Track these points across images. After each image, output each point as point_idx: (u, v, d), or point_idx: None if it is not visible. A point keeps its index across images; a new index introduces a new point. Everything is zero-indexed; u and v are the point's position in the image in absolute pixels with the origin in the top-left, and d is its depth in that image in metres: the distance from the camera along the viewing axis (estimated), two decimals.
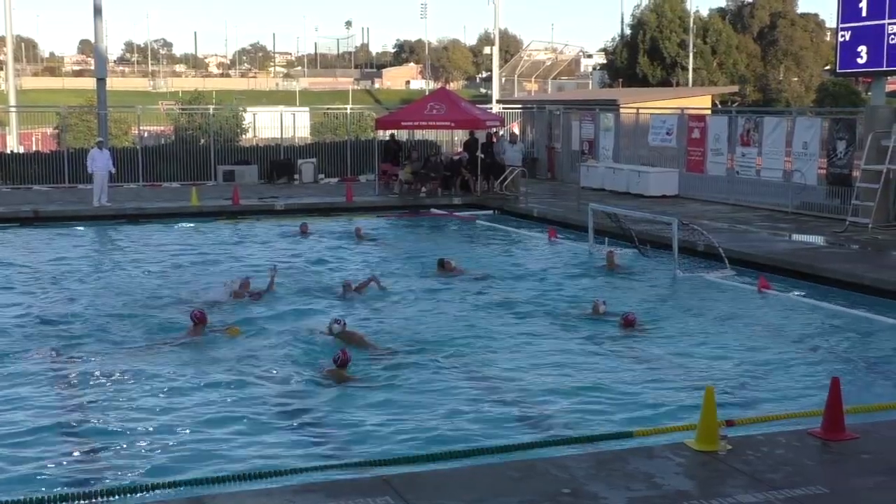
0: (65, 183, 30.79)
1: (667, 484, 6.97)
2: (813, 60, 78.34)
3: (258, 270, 17.17)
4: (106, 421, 9.69)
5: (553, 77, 58.92)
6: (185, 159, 32.80)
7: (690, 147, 27.51)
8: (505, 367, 11.65)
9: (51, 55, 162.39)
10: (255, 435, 9.29)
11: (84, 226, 24.09)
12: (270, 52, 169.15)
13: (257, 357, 11.99)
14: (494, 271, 17.83)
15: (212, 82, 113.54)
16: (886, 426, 8.40)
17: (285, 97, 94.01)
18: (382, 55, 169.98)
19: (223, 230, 23.81)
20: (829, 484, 6.99)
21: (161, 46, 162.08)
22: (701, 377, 11.04)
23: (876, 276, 15.81)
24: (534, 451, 8.27)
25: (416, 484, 7.02)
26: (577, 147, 32.66)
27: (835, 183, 23.03)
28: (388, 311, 14.68)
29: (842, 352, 12.62)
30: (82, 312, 14.53)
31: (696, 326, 13.76)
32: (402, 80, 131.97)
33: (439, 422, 9.60)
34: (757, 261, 17.72)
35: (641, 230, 19.81)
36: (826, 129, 23.40)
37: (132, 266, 18.62)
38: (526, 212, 25.65)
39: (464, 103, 31.79)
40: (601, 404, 10.18)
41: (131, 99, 69.08)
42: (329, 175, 33.60)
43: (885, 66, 21.29)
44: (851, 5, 21.78)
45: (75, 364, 11.77)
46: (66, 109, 41.45)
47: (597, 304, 14.28)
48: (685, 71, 65.08)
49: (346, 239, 22.19)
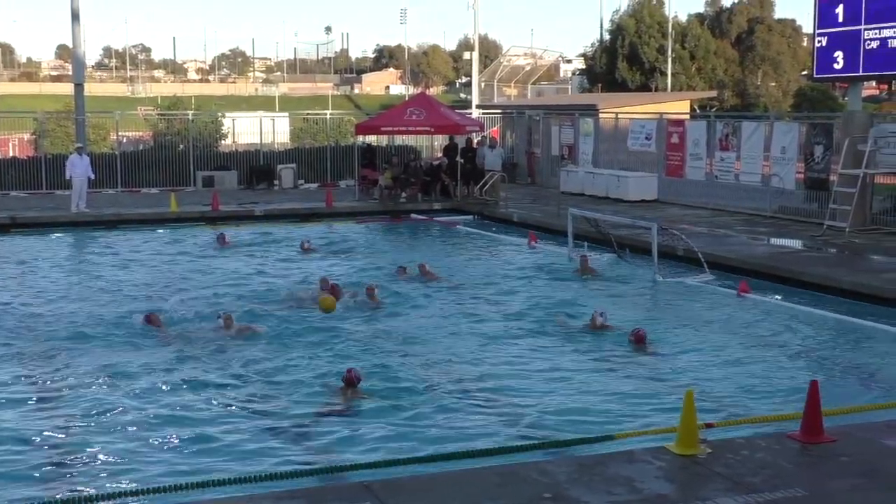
0: (42, 189, 30.63)
1: (647, 488, 7.00)
2: (790, 66, 78.77)
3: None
4: (84, 427, 9.64)
5: (533, 82, 58.97)
6: (164, 165, 32.70)
7: (669, 152, 27.63)
8: (484, 371, 11.66)
9: (28, 60, 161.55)
10: (235, 441, 9.26)
11: (61, 232, 23.95)
12: (250, 58, 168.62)
13: (233, 361, 11.99)
14: (474, 276, 17.83)
15: (191, 88, 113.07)
16: (863, 428, 8.45)
17: (265, 103, 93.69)
18: (362, 60, 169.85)
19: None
20: (807, 487, 7.03)
21: (140, 52, 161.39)
22: (681, 380, 11.08)
23: (853, 280, 15.92)
24: (515, 456, 8.28)
25: (397, 489, 7.01)
26: (556, 152, 32.74)
27: (812, 187, 23.19)
28: (367, 315, 14.65)
29: (820, 355, 12.70)
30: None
31: (676, 330, 13.79)
32: (382, 86, 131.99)
33: (420, 427, 9.60)
34: (736, 265, 17.81)
35: (621, 235, 19.87)
36: (804, 133, 23.55)
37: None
38: (506, 217, 25.69)
39: (443, 108, 31.83)
40: (581, 408, 10.20)
41: (110, 104, 68.68)
42: (309, 180, 33.57)
43: (862, 71, 21.47)
44: (828, 11, 21.94)
45: (38, 369, 11.75)
46: (44, 115, 41.20)
47: (594, 317, 13.69)
48: (664, 76, 65.37)
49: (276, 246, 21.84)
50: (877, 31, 20.71)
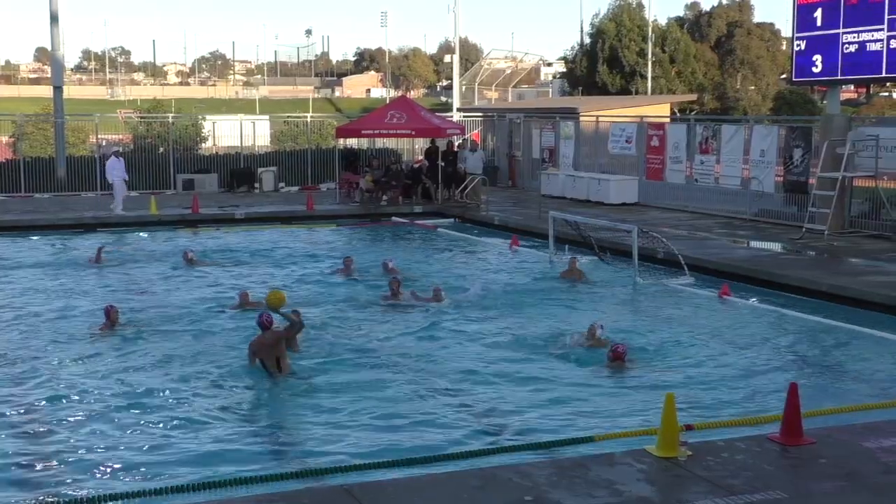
0: (21, 192, 30.43)
1: (628, 490, 7.00)
2: (769, 69, 79.28)
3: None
4: (51, 430, 9.57)
5: (513, 85, 59.13)
6: (144, 168, 32.52)
7: (650, 155, 27.72)
8: (464, 374, 11.63)
9: (6, 63, 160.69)
10: (211, 443, 9.20)
11: (40, 235, 23.79)
12: (230, 61, 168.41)
13: (208, 363, 11.95)
14: (455, 279, 17.81)
15: (171, 90, 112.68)
16: (842, 430, 8.48)
17: (245, 105, 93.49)
18: (343, 63, 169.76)
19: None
20: (787, 489, 7.05)
21: (119, 54, 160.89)
22: (661, 383, 11.10)
23: (832, 283, 15.99)
24: (495, 458, 8.27)
25: (377, 492, 6.99)
26: (537, 155, 32.80)
27: (792, 190, 23.30)
28: (345, 320, 14.61)
29: (799, 357, 12.75)
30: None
31: (656, 333, 13.81)
32: (363, 89, 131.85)
33: (400, 430, 9.58)
34: (716, 268, 17.87)
35: (602, 238, 19.91)
36: (783, 137, 23.67)
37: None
38: (487, 220, 25.70)
39: (424, 112, 31.81)
40: (562, 411, 10.19)
41: (89, 107, 68.31)
42: (290, 184, 33.49)
43: (840, 75, 21.57)
44: (806, 15, 22.06)
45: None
46: (23, 118, 40.99)
47: (593, 329, 12.99)
48: (644, 79, 65.58)
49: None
50: (855, 35, 20.83)
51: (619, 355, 11.89)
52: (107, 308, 13.96)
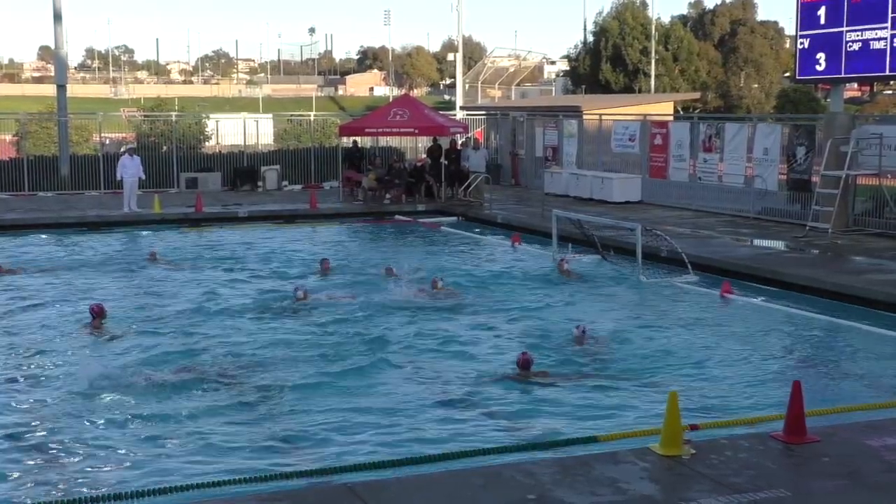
0: (25, 190, 30.47)
1: (632, 489, 7.00)
2: (773, 67, 79.16)
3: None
4: (57, 426, 9.58)
5: (516, 84, 59.05)
6: (148, 166, 32.42)
7: (653, 153, 27.71)
8: (468, 373, 11.63)
9: (10, 62, 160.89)
10: (217, 442, 9.21)
11: (47, 234, 23.82)
12: (233, 59, 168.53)
13: (213, 360, 12.00)
14: (458, 277, 17.80)
15: (174, 89, 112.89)
16: (845, 429, 8.48)
17: (248, 104, 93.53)
18: (346, 62, 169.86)
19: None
20: (791, 487, 7.05)
21: (123, 53, 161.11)
22: (664, 381, 11.10)
23: (836, 281, 15.98)
24: (499, 457, 8.27)
25: (381, 491, 7.00)
26: (540, 153, 32.79)
27: (795, 189, 23.28)
28: (345, 318, 14.62)
29: (803, 355, 12.76)
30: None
31: (660, 331, 13.81)
32: (366, 87, 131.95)
33: (403, 428, 9.58)
34: (719, 266, 17.86)
35: (605, 236, 19.90)
36: (786, 135, 23.64)
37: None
38: (490, 218, 25.70)
39: (427, 110, 31.84)
40: (566, 410, 10.19)
41: (92, 106, 68.40)
42: (293, 182, 33.52)
43: (843, 73, 21.56)
44: (810, 13, 22.04)
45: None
46: (26, 116, 40.94)
47: (579, 329, 13.06)
48: (647, 78, 65.58)
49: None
50: (859, 33, 20.81)
51: (525, 364, 11.34)
52: (93, 306, 13.94)
